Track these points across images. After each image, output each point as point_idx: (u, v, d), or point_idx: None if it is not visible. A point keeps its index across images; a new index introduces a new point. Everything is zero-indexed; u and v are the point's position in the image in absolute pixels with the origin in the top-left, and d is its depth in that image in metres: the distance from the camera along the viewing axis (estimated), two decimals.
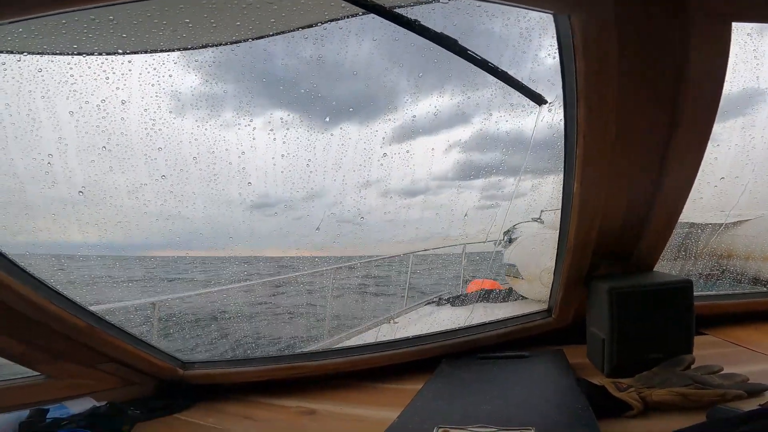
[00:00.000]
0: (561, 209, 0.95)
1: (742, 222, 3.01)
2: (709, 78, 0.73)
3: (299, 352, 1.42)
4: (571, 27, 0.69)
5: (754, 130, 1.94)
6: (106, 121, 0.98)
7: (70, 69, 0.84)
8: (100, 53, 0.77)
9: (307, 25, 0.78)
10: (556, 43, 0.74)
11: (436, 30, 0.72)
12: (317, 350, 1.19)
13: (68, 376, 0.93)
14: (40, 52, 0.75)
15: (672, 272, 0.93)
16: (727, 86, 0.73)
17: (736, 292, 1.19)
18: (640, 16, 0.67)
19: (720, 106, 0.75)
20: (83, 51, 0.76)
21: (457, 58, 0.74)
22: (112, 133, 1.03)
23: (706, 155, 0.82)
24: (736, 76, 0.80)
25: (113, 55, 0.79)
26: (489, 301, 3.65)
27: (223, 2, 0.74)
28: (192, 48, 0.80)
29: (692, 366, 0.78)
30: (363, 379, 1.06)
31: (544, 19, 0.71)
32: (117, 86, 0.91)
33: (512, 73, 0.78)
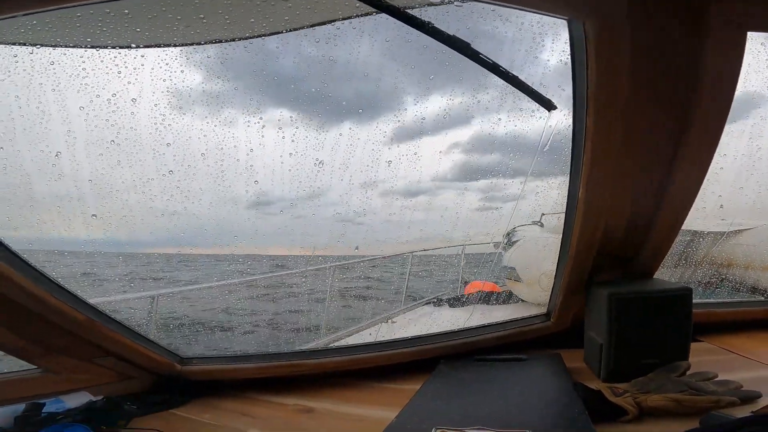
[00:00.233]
0: (565, 212, 0.95)
1: (743, 231, 3.01)
2: (721, 85, 0.73)
3: (298, 349, 1.41)
4: (585, 32, 0.69)
5: (761, 141, 1.94)
6: (116, 115, 0.98)
7: (83, 62, 0.84)
8: (113, 47, 0.78)
9: (320, 22, 0.78)
10: (566, 47, 0.74)
11: (449, 32, 0.72)
12: (316, 348, 1.19)
13: (66, 370, 0.92)
14: (54, 45, 0.75)
15: (672, 279, 0.94)
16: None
17: (731, 300, 1.20)
18: (656, 24, 0.67)
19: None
20: (97, 44, 0.76)
21: (467, 61, 0.74)
22: (121, 128, 1.03)
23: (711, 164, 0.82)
24: (746, 83, 0.80)
25: (126, 48, 0.79)
26: (488, 304, 3.66)
27: None
28: (205, 43, 0.80)
29: (687, 372, 0.79)
30: (361, 378, 1.06)
31: (556, 24, 0.71)
32: (129, 81, 0.91)
33: (522, 77, 0.78)
